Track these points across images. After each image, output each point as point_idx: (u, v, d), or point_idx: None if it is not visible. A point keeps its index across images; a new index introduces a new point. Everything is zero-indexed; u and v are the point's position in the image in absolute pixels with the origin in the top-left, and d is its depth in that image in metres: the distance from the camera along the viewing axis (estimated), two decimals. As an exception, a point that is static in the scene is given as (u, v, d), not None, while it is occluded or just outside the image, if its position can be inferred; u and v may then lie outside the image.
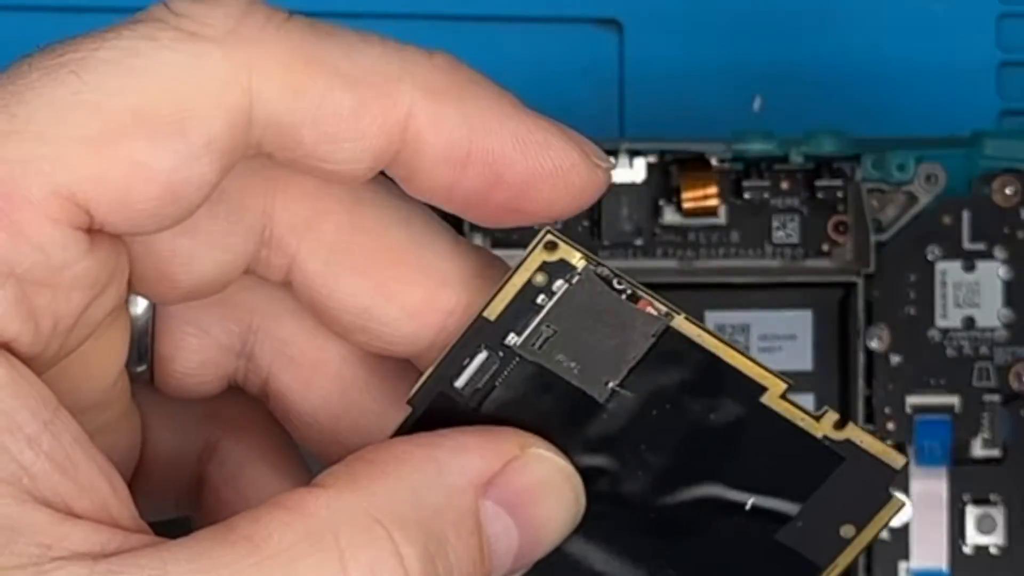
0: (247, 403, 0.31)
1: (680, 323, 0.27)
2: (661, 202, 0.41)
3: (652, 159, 0.41)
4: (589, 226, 0.42)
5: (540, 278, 0.27)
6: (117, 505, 0.24)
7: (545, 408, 0.27)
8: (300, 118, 0.25)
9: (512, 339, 0.27)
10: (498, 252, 0.29)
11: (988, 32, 0.46)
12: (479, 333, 0.27)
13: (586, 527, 0.28)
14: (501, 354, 0.27)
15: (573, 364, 0.27)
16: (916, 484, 0.41)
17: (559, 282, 0.27)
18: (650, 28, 0.45)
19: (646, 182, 0.41)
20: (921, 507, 0.41)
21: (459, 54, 0.27)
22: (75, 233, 0.24)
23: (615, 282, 0.27)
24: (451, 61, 0.26)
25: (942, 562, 0.41)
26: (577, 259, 0.27)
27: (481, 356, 0.27)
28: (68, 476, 0.24)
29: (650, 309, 0.27)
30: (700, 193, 0.41)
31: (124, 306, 0.28)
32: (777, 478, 0.28)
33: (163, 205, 0.25)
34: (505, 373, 0.27)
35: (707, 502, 0.28)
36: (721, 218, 0.41)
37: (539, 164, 0.26)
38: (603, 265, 0.27)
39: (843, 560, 0.28)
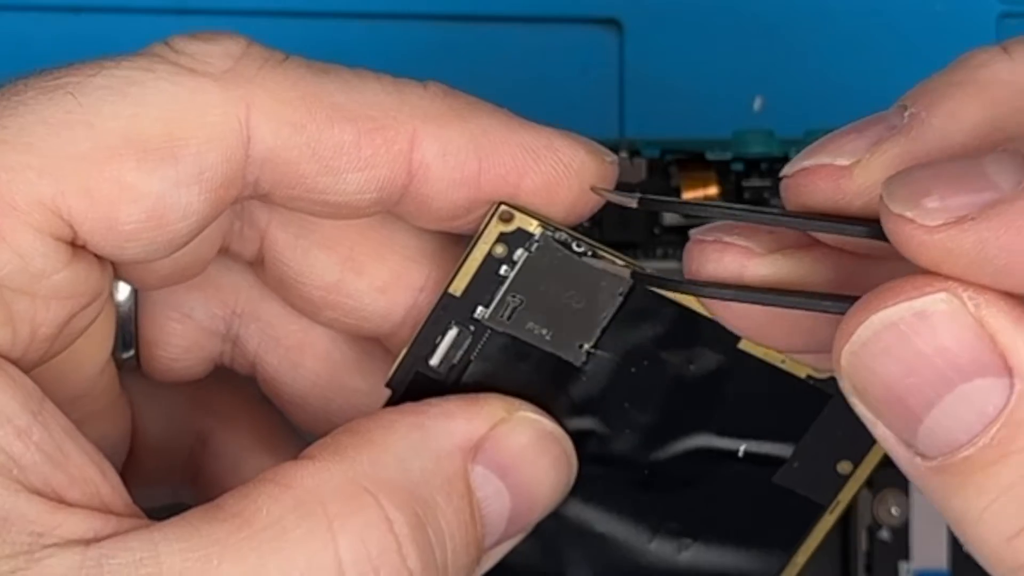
0: (237, 387, 0.31)
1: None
2: (661, 202, 0.41)
3: (652, 159, 0.41)
4: (589, 226, 0.42)
5: (500, 249, 0.27)
6: (109, 492, 0.25)
7: (524, 377, 0.28)
8: (300, 152, 0.25)
9: (480, 312, 0.27)
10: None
11: (988, 32, 0.46)
12: (447, 310, 0.27)
13: (582, 490, 0.28)
14: (472, 328, 0.27)
15: (544, 331, 0.27)
16: (916, 484, 0.41)
17: (519, 251, 0.27)
18: (650, 28, 0.45)
19: (646, 182, 0.41)
20: (921, 507, 0.41)
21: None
22: (56, 244, 0.25)
23: (574, 245, 0.27)
24: (446, 88, 0.27)
25: (942, 562, 0.41)
26: (534, 226, 0.27)
27: (452, 332, 0.27)
28: (59, 466, 0.24)
29: (615, 264, 0.27)
30: (700, 193, 0.41)
31: (109, 298, 0.28)
32: (766, 422, 0.28)
33: (147, 229, 0.25)
34: (479, 347, 0.27)
35: (699, 453, 0.28)
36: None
37: (552, 168, 0.27)
38: (560, 230, 0.27)
39: (844, 496, 0.28)
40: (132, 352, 0.29)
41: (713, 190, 0.41)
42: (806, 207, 0.24)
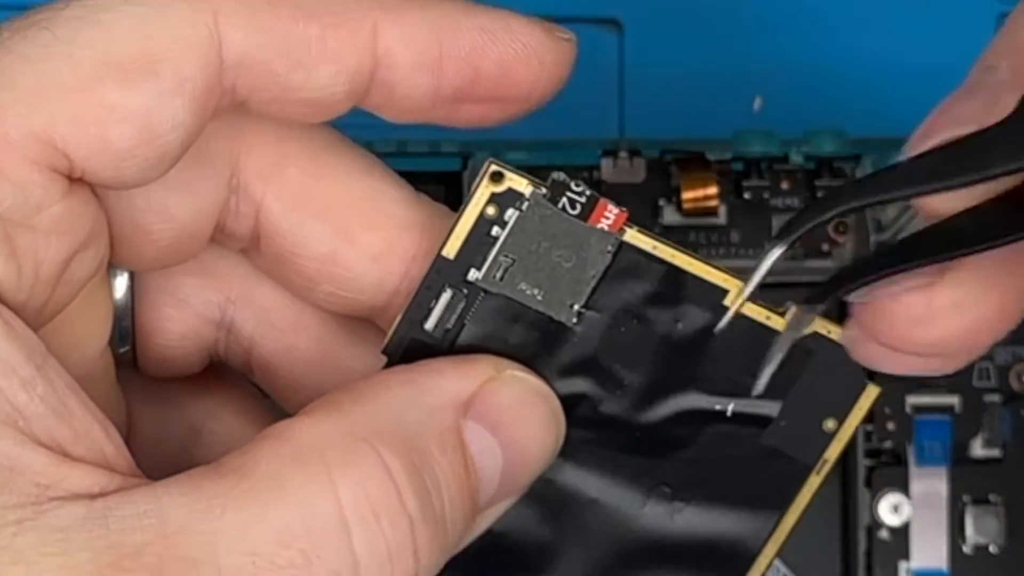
0: (229, 381, 0.31)
1: (633, 236, 0.27)
2: (661, 202, 0.41)
3: (652, 159, 0.41)
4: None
5: (491, 210, 0.27)
6: (113, 451, 0.25)
7: (517, 339, 0.28)
8: (270, 51, 0.26)
9: (473, 274, 0.28)
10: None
11: (988, 32, 0.46)
12: (441, 273, 0.28)
13: (575, 454, 0.28)
14: (465, 291, 0.28)
15: (536, 291, 0.28)
16: (916, 484, 0.41)
17: (510, 211, 0.27)
18: (650, 28, 0.45)
19: (646, 182, 0.41)
20: (921, 507, 0.41)
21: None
22: (53, 175, 0.25)
23: (566, 197, 0.27)
24: None
25: (942, 562, 0.41)
26: (524, 186, 0.27)
27: (446, 295, 0.28)
28: (63, 420, 0.24)
29: (604, 219, 0.27)
30: (700, 193, 0.41)
31: (106, 276, 0.28)
32: (753, 380, 0.28)
33: (140, 145, 0.25)
34: (472, 309, 0.28)
35: (689, 414, 0.28)
36: (721, 218, 0.41)
37: (510, 47, 0.27)
38: (567, 185, 0.27)
39: (831, 454, 0.28)
40: (128, 347, 0.30)
41: (713, 190, 0.41)
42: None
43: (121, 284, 0.29)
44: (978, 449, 0.41)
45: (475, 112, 0.28)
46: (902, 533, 0.41)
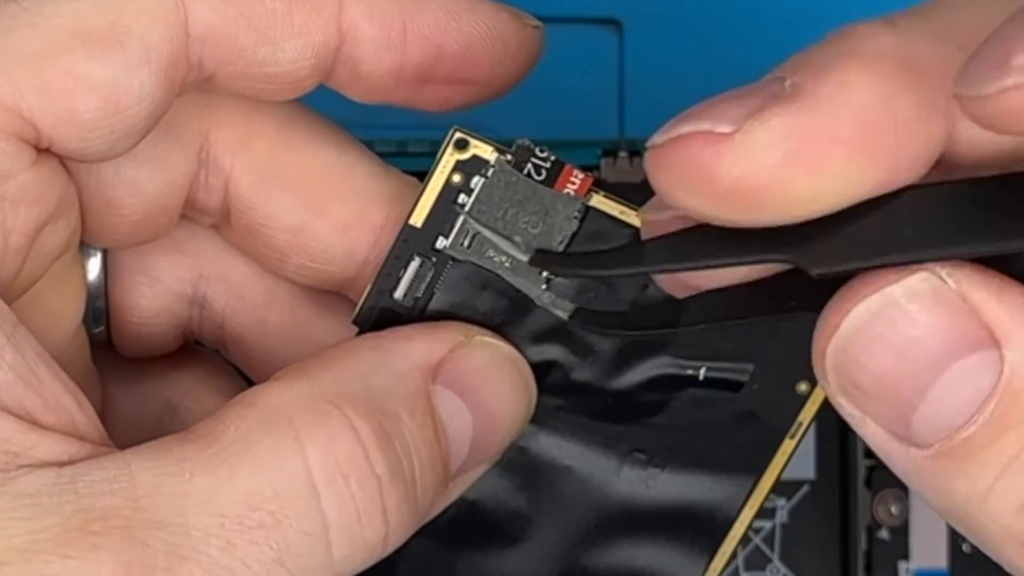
0: (204, 358, 0.32)
1: (600, 201, 0.28)
2: (661, 202, 0.41)
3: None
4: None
5: (457, 177, 0.28)
6: (84, 422, 0.25)
7: (487, 306, 0.28)
8: (236, 24, 0.26)
9: (441, 242, 0.28)
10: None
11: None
12: (409, 242, 0.28)
13: (548, 422, 0.29)
14: (434, 259, 0.28)
15: (504, 258, 0.28)
16: (916, 484, 0.41)
17: (476, 178, 0.27)
18: (650, 28, 0.45)
19: (646, 182, 0.41)
20: (921, 507, 0.41)
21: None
22: (20, 144, 0.25)
23: (532, 163, 0.27)
24: None
25: (942, 562, 0.41)
26: (489, 152, 0.27)
27: (415, 264, 0.28)
28: (33, 389, 0.25)
29: (570, 184, 0.27)
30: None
31: (78, 255, 0.28)
32: (724, 342, 0.28)
33: (106, 116, 0.26)
34: (442, 277, 0.28)
35: (661, 379, 0.28)
36: (721, 218, 0.41)
37: (475, 28, 0.28)
38: (532, 148, 0.27)
39: (805, 416, 0.28)
40: (103, 327, 0.30)
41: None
42: (672, 186, 0.23)
43: (94, 265, 0.29)
44: (978, 449, 0.41)
45: (439, 94, 0.28)
46: (902, 533, 0.41)
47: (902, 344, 0.22)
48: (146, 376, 0.31)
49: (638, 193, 0.42)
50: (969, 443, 0.22)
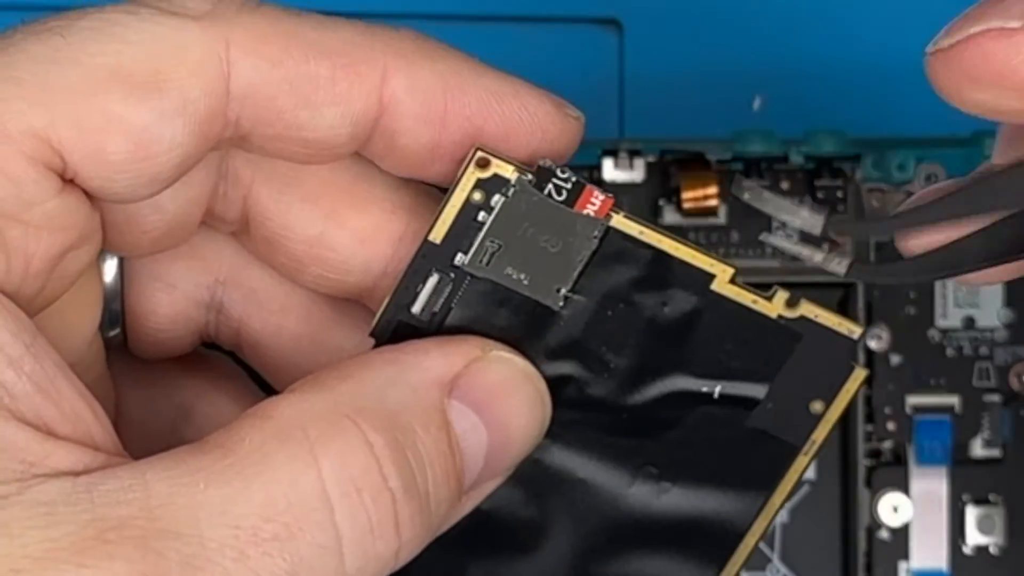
0: (218, 362, 0.32)
1: (620, 221, 0.28)
2: (661, 202, 0.41)
3: (652, 159, 0.41)
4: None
5: (478, 195, 0.27)
6: (100, 432, 0.25)
7: (504, 322, 0.28)
8: (278, 86, 0.26)
9: (460, 259, 0.28)
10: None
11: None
12: (427, 257, 0.28)
13: (562, 436, 0.29)
14: (452, 275, 0.28)
15: (523, 276, 0.28)
16: (916, 484, 0.41)
17: (496, 197, 0.27)
18: (650, 28, 0.45)
19: (646, 182, 0.41)
20: (921, 507, 0.41)
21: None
22: (48, 172, 0.25)
23: (552, 183, 0.27)
24: (417, 32, 0.28)
25: (942, 562, 0.41)
26: (510, 171, 0.27)
27: (433, 279, 0.28)
28: (50, 400, 0.25)
29: (591, 205, 0.27)
30: (700, 193, 0.41)
31: (96, 263, 0.28)
32: (740, 363, 0.28)
33: (134, 161, 0.25)
34: (459, 293, 0.28)
35: (675, 396, 0.28)
36: (721, 218, 0.41)
37: (516, 114, 0.28)
38: (553, 169, 0.28)
39: (818, 436, 0.28)
40: (118, 330, 0.30)
41: (713, 190, 0.41)
42: (967, 85, 0.24)
43: (110, 268, 0.29)
44: (978, 449, 0.41)
45: None
46: (902, 533, 0.41)
47: None
48: (159, 379, 0.31)
49: (638, 193, 0.42)
50: None
